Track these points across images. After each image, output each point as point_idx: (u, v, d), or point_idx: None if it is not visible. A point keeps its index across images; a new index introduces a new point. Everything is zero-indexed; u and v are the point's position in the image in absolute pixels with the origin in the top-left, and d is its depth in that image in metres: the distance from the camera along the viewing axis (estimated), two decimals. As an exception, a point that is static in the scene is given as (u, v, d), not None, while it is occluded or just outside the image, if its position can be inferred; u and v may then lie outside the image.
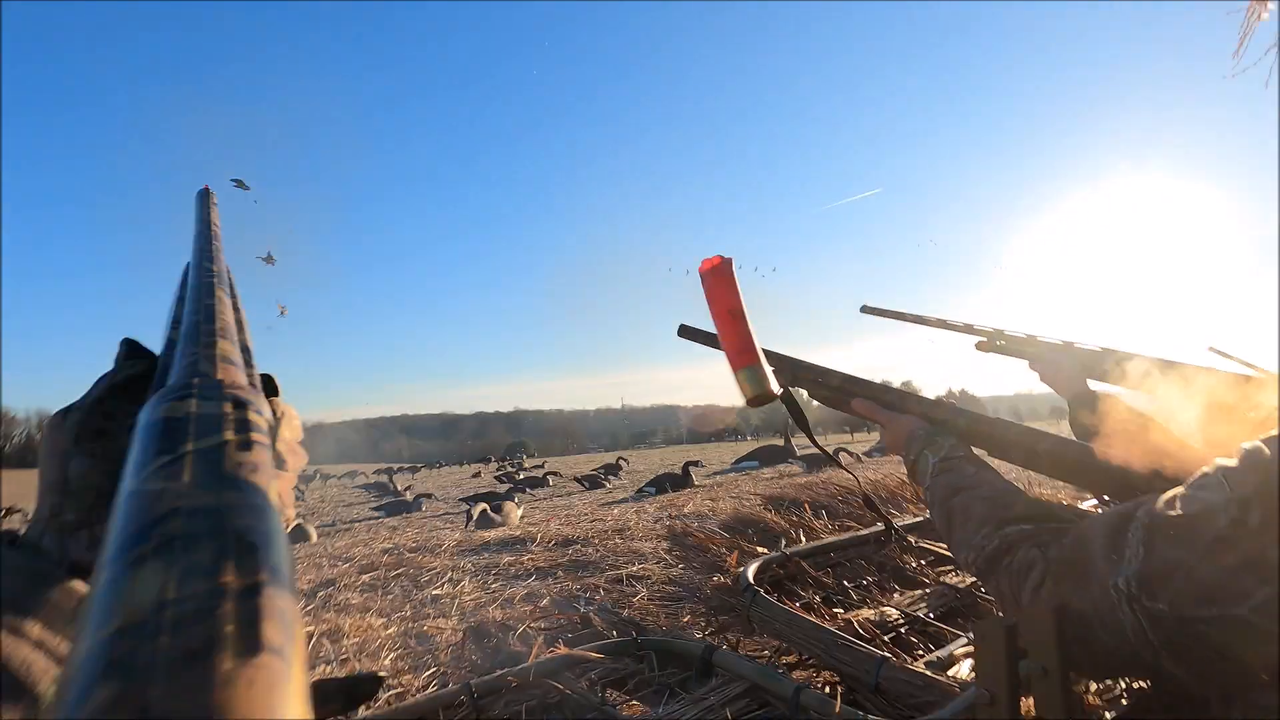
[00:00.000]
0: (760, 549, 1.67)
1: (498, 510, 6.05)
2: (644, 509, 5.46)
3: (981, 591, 1.47)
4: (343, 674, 0.30)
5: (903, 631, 1.33)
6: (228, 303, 0.38)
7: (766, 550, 1.63)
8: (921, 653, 1.27)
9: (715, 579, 1.53)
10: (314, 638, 2.21)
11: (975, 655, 0.72)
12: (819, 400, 1.08)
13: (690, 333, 1.18)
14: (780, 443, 13.12)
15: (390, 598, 2.83)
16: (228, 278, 0.43)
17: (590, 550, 3.48)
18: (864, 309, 1.43)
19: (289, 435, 0.40)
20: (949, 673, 1.13)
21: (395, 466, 27.18)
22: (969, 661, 1.16)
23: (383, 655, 1.99)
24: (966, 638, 1.23)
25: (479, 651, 1.64)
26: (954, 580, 1.58)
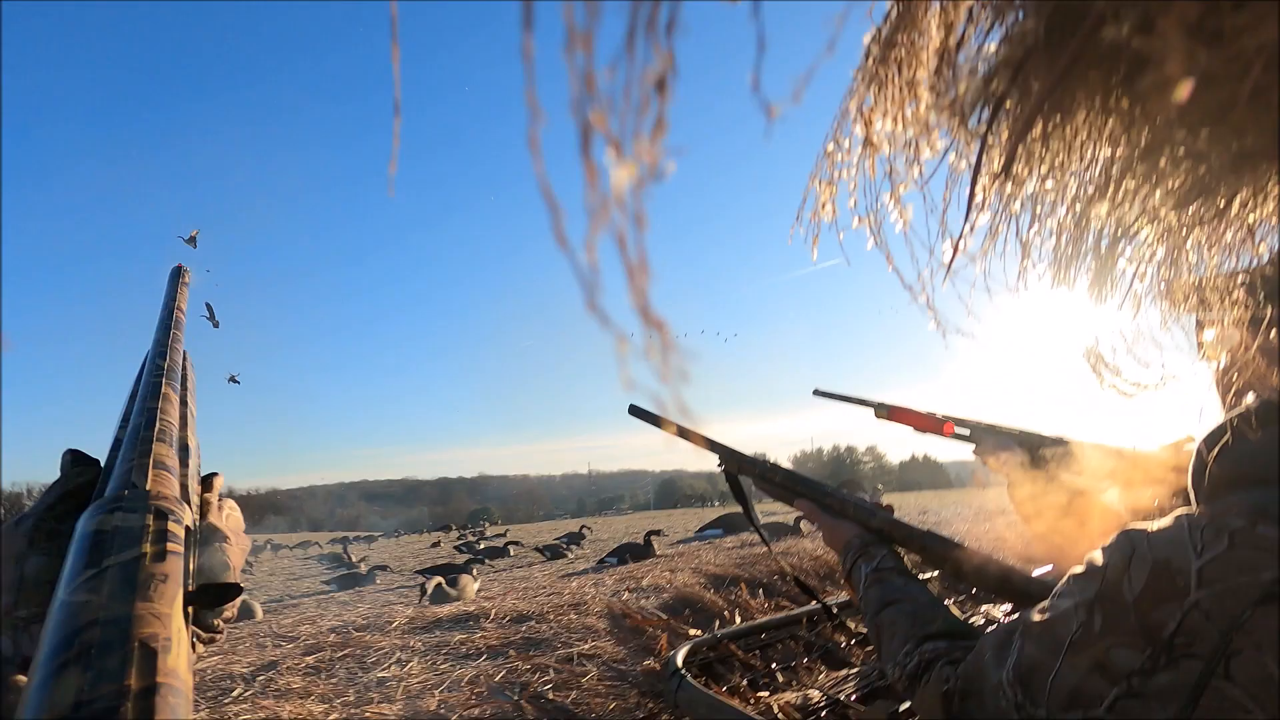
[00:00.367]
0: (694, 631, 1.70)
1: (453, 584, 5.90)
2: (603, 581, 5.37)
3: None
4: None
5: (823, 715, 1.36)
6: (174, 399, 0.43)
7: (699, 632, 1.66)
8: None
9: (647, 662, 1.56)
10: (249, 726, 2.14)
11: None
12: (764, 493, 1.11)
13: (640, 413, 1.21)
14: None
15: (334, 681, 2.72)
16: (181, 368, 0.47)
17: (544, 627, 3.40)
18: (816, 392, 1.51)
19: (232, 526, 0.46)
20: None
21: (351, 536, 26.23)
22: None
23: (319, 745, 1.94)
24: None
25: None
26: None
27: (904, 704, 1.19)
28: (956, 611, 0.83)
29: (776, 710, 1.31)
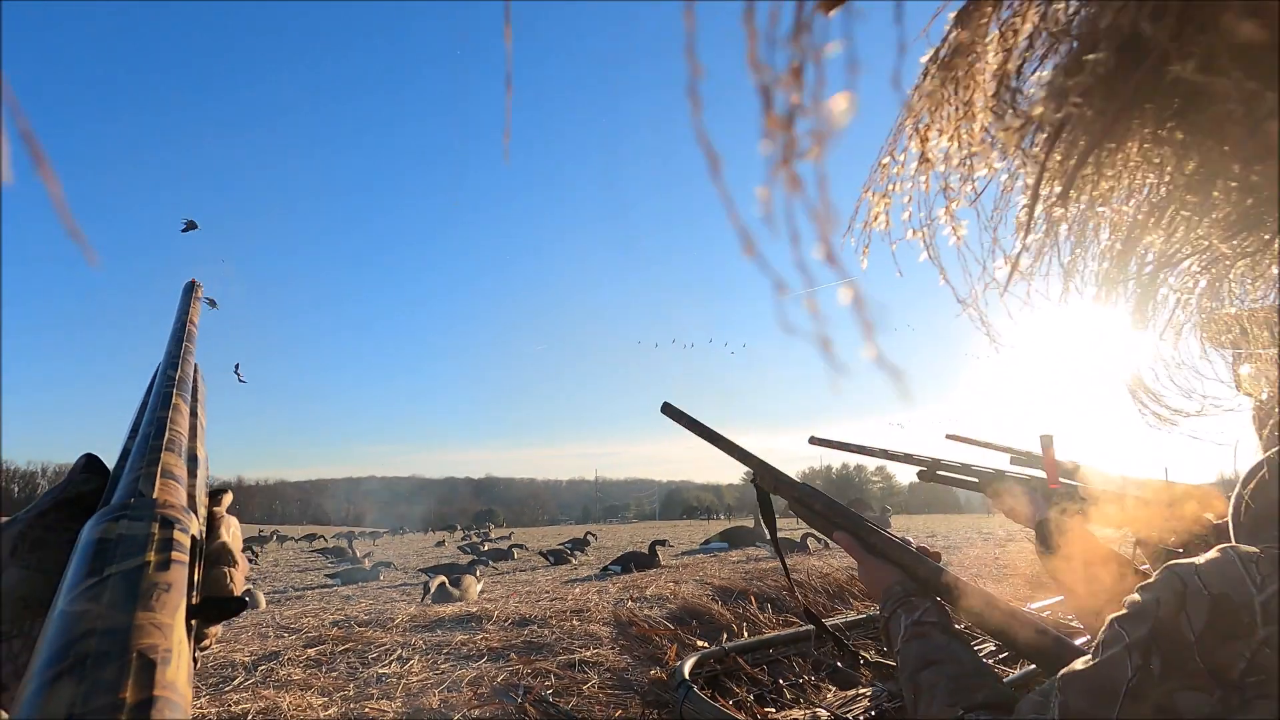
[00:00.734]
0: (701, 642, 1.69)
1: (456, 584, 5.92)
2: (606, 589, 5.37)
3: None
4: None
5: (830, 735, 1.35)
6: (184, 409, 0.42)
7: (706, 644, 1.65)
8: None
9: (653, 672, 1.55)
10: (250, 715, 2.15)
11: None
12: (797, 515, 1.05)
13: (674, 413, 1.16)
14: (751, 524, 13.03)
15: (334, 675, 2.74)
16: (193, 380, 0.47)
17: (546, 632, 3.41)
18: (812, 440, 1.46)
19: (231, 542, 0.45)
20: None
21: (356, 531, 26.37)
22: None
23: (319, 738, 1.94)
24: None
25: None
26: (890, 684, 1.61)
27: None
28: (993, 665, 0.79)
29: (783, 727, 1.30)
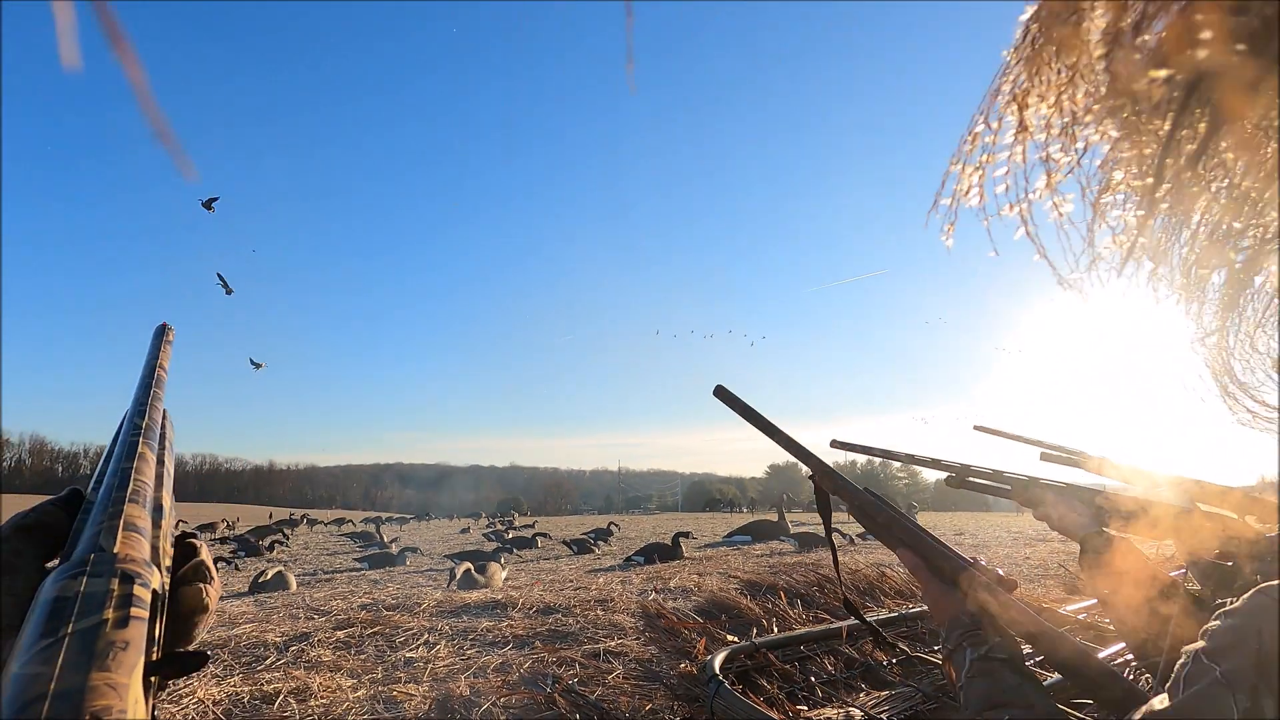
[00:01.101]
0: (730, 637, 1.67)
1: (482, 571, 5.97)
2: (630, 579, 5.39)
3: (948, 697, 1.47)
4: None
5: (864, 735, 1.32)
6: (151, 458, 0.42)
7: (736, 639, 1.63)
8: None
9: (683, 665, 1.53)
10: (281, 695, 2.18)
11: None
12: (859, 522, 0.99)
13: (727, 397, 1.09)
14: (774, 518, 12.98)
15: (363, 657, 2.78)
16: (161, 427, 0.47)
17: (571, 620, 3.43)
18: (834, 444, 1.37)
19: (207, 560, 0.44)
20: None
21: (383, 516, 26.83)
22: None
23: (349, 719, 1.97)
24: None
25: (444, 724, 1.63)
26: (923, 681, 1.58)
27: None
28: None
29: (817, 725, 1.27)
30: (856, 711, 1.38)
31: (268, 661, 2.67)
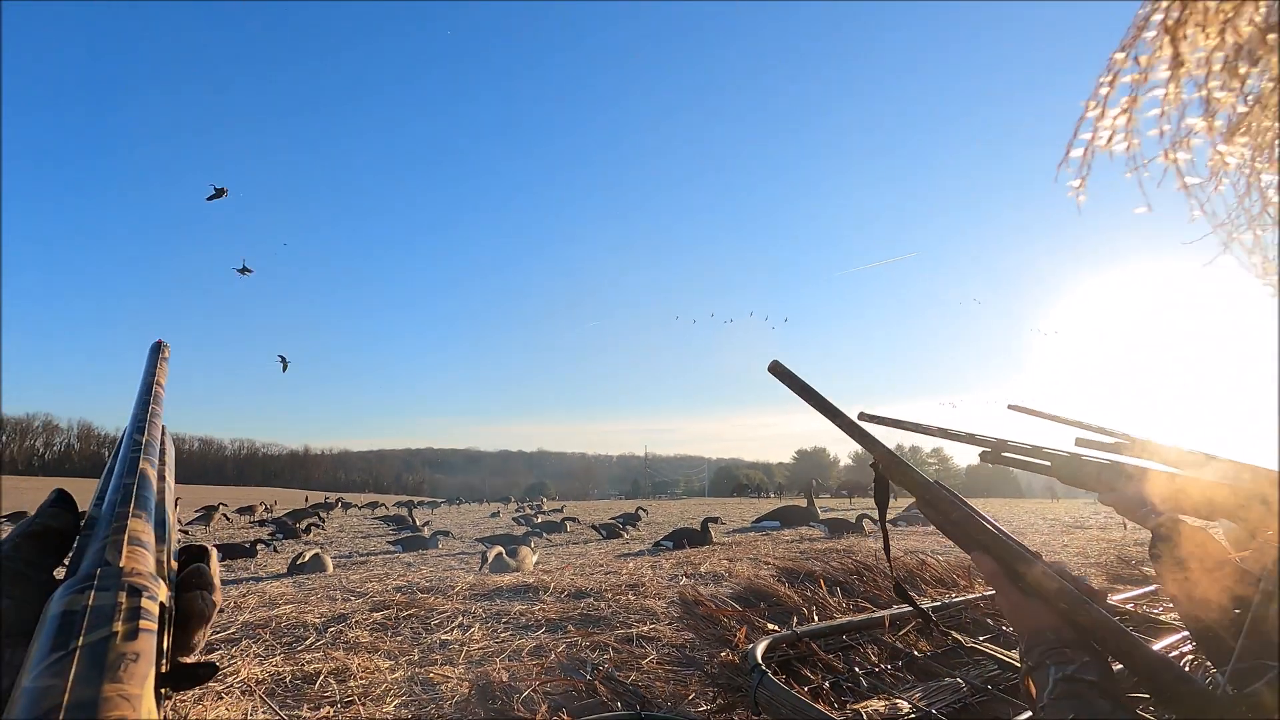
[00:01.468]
0: (770, 625, 1.64)
1: (513, 554, 6.02)
2: (660, 564, 5.39)
3: (998, 690, 1.43)
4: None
5: (912, 728, 1.29)
6: (152, 474, 0.42)
7: (776, 627, 1.60)
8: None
9: (723, 654, 1.51)
10: (322, 675, 2.21)
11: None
12: (926, 517, 0.90)
13: (783, 373, 1.02)
14: (803, 504, 12.91)
15: (399, 639, 2.82)
16: (160, 443, 0.47)
17: (602, 605, 3.44)
18: (861, 417, 1.32)
19: (210, 570, 0.44)
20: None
21: (415, 500, 27.31)
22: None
23: (388, 700, 1.99)
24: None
25: (483, 709, 1.63)
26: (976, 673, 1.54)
27: None
28: None
29: (865, 718, 1.24)
30: (905, 704, 1.34)
31: (308, 642, 2.71)
